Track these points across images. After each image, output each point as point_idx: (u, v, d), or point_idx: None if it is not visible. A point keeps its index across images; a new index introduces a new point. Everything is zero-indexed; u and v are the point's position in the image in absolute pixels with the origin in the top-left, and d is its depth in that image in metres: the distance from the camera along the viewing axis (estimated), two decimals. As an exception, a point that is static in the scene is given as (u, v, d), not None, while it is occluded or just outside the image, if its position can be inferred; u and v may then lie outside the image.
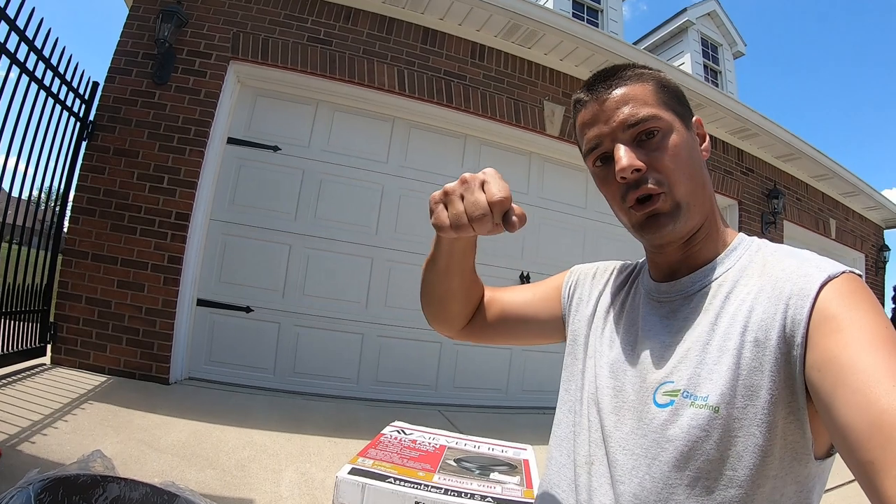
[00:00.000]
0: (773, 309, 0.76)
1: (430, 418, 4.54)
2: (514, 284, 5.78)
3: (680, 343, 0.87)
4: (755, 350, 0.76)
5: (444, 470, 1.59)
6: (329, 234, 5.13)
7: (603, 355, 1.01)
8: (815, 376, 0.68)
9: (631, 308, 1.04)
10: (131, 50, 4.53)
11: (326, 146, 5.24)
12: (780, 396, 0.73)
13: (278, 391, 4.67)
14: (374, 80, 5.15)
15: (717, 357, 0.80)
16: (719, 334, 0.82)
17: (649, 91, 0.91)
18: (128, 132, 4.41)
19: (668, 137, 0.89)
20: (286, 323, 4.95)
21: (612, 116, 0.90)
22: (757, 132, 7.42)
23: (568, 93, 6.13)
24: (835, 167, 8.77)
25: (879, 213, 10.91)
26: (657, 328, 0.94)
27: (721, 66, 10.82)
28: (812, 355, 0.70)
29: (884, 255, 11.19)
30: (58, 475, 0.96)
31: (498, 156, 5.99)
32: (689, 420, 0.78)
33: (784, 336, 0.74)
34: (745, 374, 0.76)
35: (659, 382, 0.86)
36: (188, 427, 3.30)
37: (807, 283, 0.75)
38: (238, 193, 4.92)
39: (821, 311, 0.71)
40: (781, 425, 0.73)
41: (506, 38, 5.71)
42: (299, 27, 4.98)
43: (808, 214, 9.07)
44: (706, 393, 0.78)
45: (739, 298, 0.83)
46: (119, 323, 4.22)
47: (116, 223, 4.29)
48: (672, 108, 0.93)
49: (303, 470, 2.97)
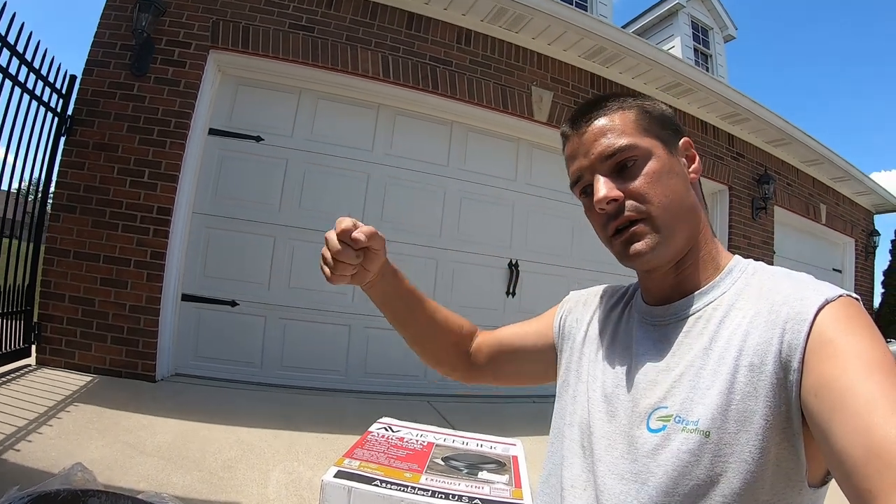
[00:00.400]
0: (770, 333, 0.76)
1: (420, 410, 4.57)
2: (503, 272, 5.81)
3: (674, 368, 0.87)
4: (750, 375, 0.76)
5: (432, 470, 1.58)
6: (314, 224, 5.09)
7: (596, 380, 1.00)
8: (812, 401, 0.68)
9: (625, 332, 1.04)
10: (109, 41, 4.47)
11: (310, 135, 5.21)
12: (774, 422, 0.73)
13: (266, 385, 4.67)
14: (357, 67, 5.12)
15: (710, 382, 0.79)
16: (713, 359, 0.81)
17: (629, 120, 0.92)
18: (107, 126, 4.36)
19: (646, 164, 0.90)
20: (272, 316, 4.94)
21: (591, 149, 0.92)
22: (747, 117, 7.44)
23: (557, 78, 6.13)
24: (825, 152, 8.83)
25: (870, 199, 11.04)
26: (651, 352, 0.93)
27: (712, 50, 10.83)
28: (809, 380, 0.69)
29: (874, 240, 11.34)
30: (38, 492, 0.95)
31: (485, 142, 5.99)
32: (679, 445, 0.78)
33: (780, 361, 0.73)
34: (738, 399, 0.75)
35: (653, 407, 0.86)
36: (175, 427, 3.29)
37: (803, 306, 0.75)
38: (221, 185, 4.89)
39: (818, 336, 0.71)
40: (775, 451, 0.73)
41: (492, 22, 5.68)
42: (280, 13, 4.93)
43: (799, 199, 9.13)
44: (697, 417, 0.78)
45: (735, 323, 0.83)
46: (103, 321, 4.20)
47: (98, 219, 4.26)
48: (654, 133, 0.93)
49: (290, 469, 2.97)
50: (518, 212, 6.09)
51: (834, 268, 10.74)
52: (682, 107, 7.07)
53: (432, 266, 5.60)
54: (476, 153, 5.92)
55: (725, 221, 7.72)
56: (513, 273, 5.96)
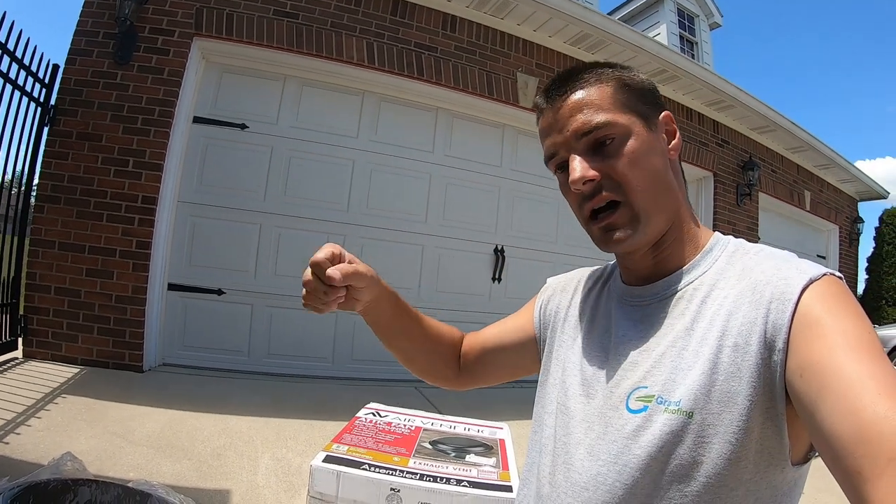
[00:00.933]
0: (754, 314, 0.76)
1: (407, 395, 4.62)
2: (489, 258, 5.87)
3: (654, 348, 0.86)
4: (734, 355, 0.76)
5: (420, 453, 1.63)
6: (299, 212, 5.15)
7: (574, 364, 1.00)
8: (798, 381, 0.68)
9: (604, 314, 1.03)
10: (91, 30, 4.45)
11: (295, 122, 5.24)
12: (758, 402, 0.73)
13: (254, 374, 4.72)
14: (342, 54, 5.14)
15: (692, 362, 0.79)
16: (695, 339, 0.81)
17: (607, 94, 0.89)
18: (90, 115, 4.36)
19: (625, 143, 0.87)
20: (259, 304, 4.98)
21: (566, 125, 0.89)
22: (732, 104, 7.53)
23: (542, 64, 6.18)
24: (810, 139, 8.96)
25: (854, 186, 11.23)
26: (631, 333, 0.93)
27: (697, 38, 10.92)
28: (794, 360, 0.69)
29: (857, 227, 11.59)
30: (28, 482, 0.98)
31: (470, 129, 6.04)
32: (662, 426, 0.77)
33: (765, 341, 0.73)
34: (721, 380, 0.75)
35: (632, 388, 0.85)
36: (163, 416, 3.32)
37: (787, 286, 0.75)
38: (206, 174, 4.91)
39: (803, 316, 0.71)
40: (758, 431, 0.73)
41: (478, 8, 5.70)
42: (264, 0, 4.92)
43: (783, 186, 9.27)
44: (679, 398, 0.77)
45: (717, 302, 0.83)
46: (90, 312, 4.21)
47: (82, 210, 4.26)
48: (633, 108, 0.90)
49: (279, 456, 3.02)
50: (503, 198, 6.15)
51: (818, 254, 10.92)
52: (668, 93, 7.13)
53: (418, 252, 5.66)
54: (461, 139, 5.98)
55: (710, 208, 7.83)
56: (498, 259, 6.03)
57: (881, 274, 12.08)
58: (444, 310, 5.69)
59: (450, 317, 5.61)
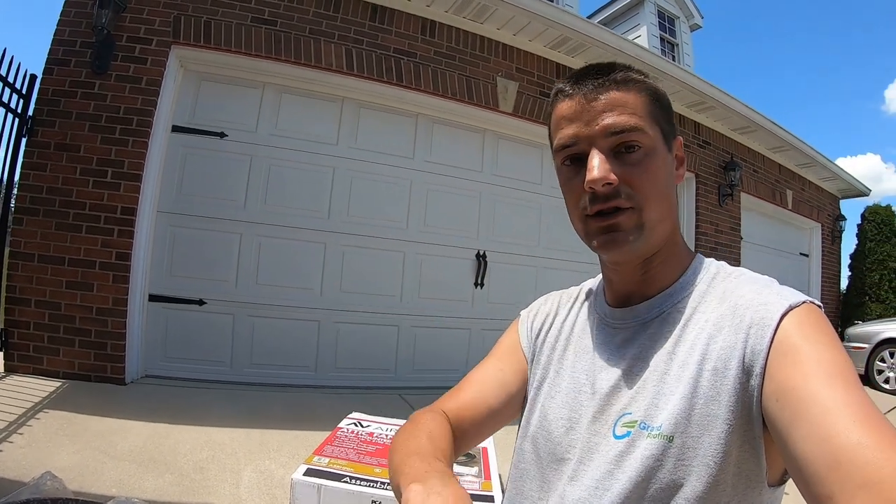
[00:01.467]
0: (734, 338, 0.77)
1: (391, 403, 4.67)
2: (471, 263, 5.93)
3: (638, 373, 0.87)
4: (713, 379, 0.77)
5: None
6: (280, 220, 5.18)
7: (556, 387, 1.00)
8: (773, 406, 0.69)
9: (584, 337, 1.03)
10: (69, 39, 4.46)
11: (274, 130, 5.26)
12: (736, 425, 0.74)
13: (236, 384, 4.75)
14: (321, 61, 5.18)
15: (673, 387, 0.80)
16: (677, 363, 0.82)
17: (641, 102, 0.88)
18: (68, 126, 4.36)
19: (650, 156, 0.87)
20: (240, 314, 5.00)
21: (596, 119, 0.86)
22: (713, 105, 7.65)
23: (522, 68, 6.25)
24: (791, 139, 9.12)
25: (835, 184, 11.43)
26: (614, 357, 0.93)
27: (678, 39, 11.09)
28: (770, 385, 0.71)
29: (840, 225, 11.79)
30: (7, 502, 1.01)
31: (450, 134, 6.10)
32: (643, 451, 0.79)
33: (743, 365, 0.75)
34: (701, 404, 0.77)
35: (619, 414, 0.86)
36: (145, 430, 3.33)
37: (767, 312, 0.76)
38: (185, 183, 4.92)
39: (781, 342, 0.72)
40: (736, 454, 0.75)
41: (457, 13, 5.77)
42: (242, 7, 4.95)
43: (765, 186, 9.44)
44: (660, 423, 0.79)
45: (698, 326, 0.84)
46: (70, 325, 4.22)
47: (61, 221, 4.26)
48: (659, 124, 0.90)
49: (262, 468, 3.03)
50: (485, 203, 6.21)
51: (801, 252, 11.10)
52: (648, 95, 7.16)
53: (399, 259, 5.70)
54: (442, 145, 6.03)
55: (692, 209, 7.95)
56: (481, 264, 6.08)
57: (864, 270, 12.23)
58: (427, 316, 5.77)
59: (433, 323, 5.73)
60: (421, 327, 5.73)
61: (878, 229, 12.29)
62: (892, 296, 11.77)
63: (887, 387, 7.94)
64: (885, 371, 8.08)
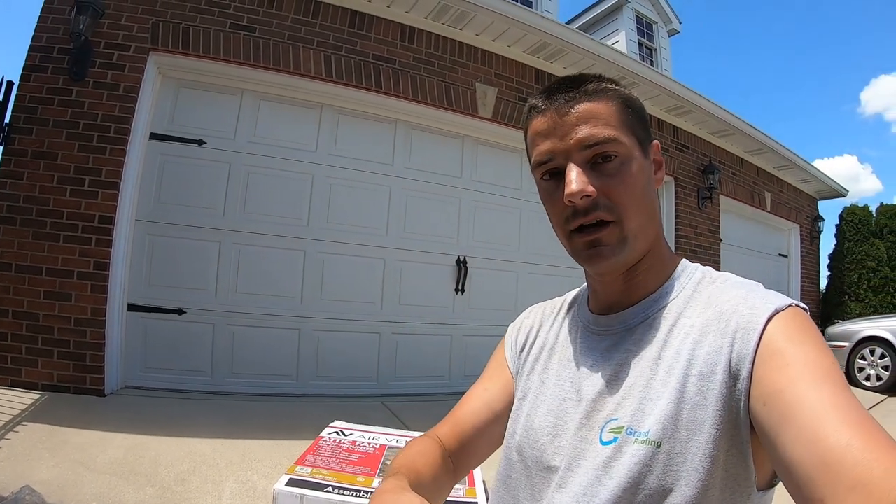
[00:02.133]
0: (720, 343, 0.78)
1: (373, 411, 4.71)
2: (451, 270, 6.02)
3: (624, 378, 0.88)
4: (700, 384, 0.78)
5: (385, 472, 1.70)
6: (259, 228, 5.21)
7: (541, 395, 1.01)
8: (761, 410, 0.70)
9: (569, 345, 1.04)
10: (46, 45, 4.45)
11: (253, 137, 5.29)
12: (723, 430, 0.75)
13: (217, 394, 4.76)
14: (300, 67, 5.23)
15: (660, 392, 0.81)
16: (663, 368, 0.83)
17: (613, 111, 0.90)
18: (45, 133, 4.35)
19: (626, 165, 0.89)
20: (220, 323, 5.02)
21: (570, 133, 0.88)
22: (691, 109, 7.83)
23: (501, 74, 6.35)
24: (768, 141, 9.33)
25: (813, 185, 11.70)
26: (599, 363, 0.94)
27: (656, 44, 11.31)
28: (757, 389, 0.71)
29: (818, 226, 12.08)
30: None
31: (430, 140, 6.17)
32: (631, 456, 0.79)
33: (730, 370, 0.76)
34: (688, 409, 0.78)
35: (605, 420, 0.87)
36: (126, 441, 3.31)
37: (753, 316, 0.77)
38: (163, 191, 4.93)
39: (767, 346, 0.73)
40: (724, 458, 0.76)
41: (436, 19, 5.85)
42: (221, 13, 4.99)
43: (744, 188, 9.64)
44: (647, 428, 0.80)
45: (684, 331, 0.85)
46: (49, 336, 4.20)
47: (39, 231, 4.26)
48: (634, 131, 0.92)
49: (244, 479, 3.03)
50: (464, 208, 6.29)
51: (780, 253, 11.32)
52: (627, 100, 7.29)
53: (380, 266, 5.75)
54: (421, 151, 6.10)
55: (672, 212, 8.12)
56: (461, 270, 6.15)
57: (843, 270, 12.46)
58: (408, 323, 5.83)
59: (414, 329, 5.78)
60: (402, 334, 5.79)
61: (857, 229, 12.54)
62: (871, 295, 12.01)
63: (868, 384, 8.14)
64: (865, 368, 8.29)
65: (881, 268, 12.12)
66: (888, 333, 8.23)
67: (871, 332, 8.46)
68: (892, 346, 8.07)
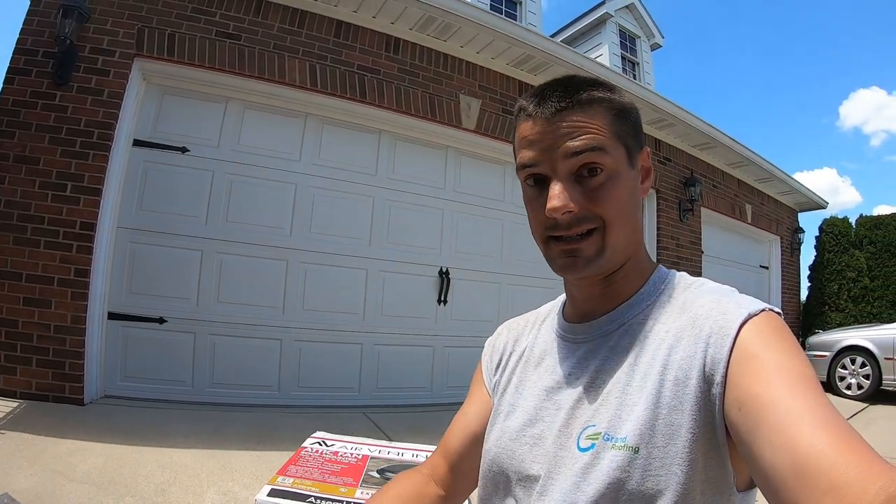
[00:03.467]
0: (694, 348, 0.79)
1: (355, 422, 4.74)
2: (434, 280, 6.10)
3: (600, 385, 0.88)
4: (675, 389, 0.78)
5: (367, 483, 1.62)
6: (242, 237, 5.23)
7: (518, 405, 1.01)
8: (735, 415, 0.70)
9: (544, 355, 1.05)
10: (31, 48, 4.45)
11: (237, 145, 5.32)
12: (700, 434, 0.75)
13: (198, 404, 4.75)
14: (285, 76, 5.28)
15: (636, 398, 0.81)
16: (639, 374, 0.83)
17: (604, 122, 0.88)
18: (28, 137, 4.34)
19: (612, 179, 0.88)
20: (201, 332, 5.02)
21: (558, 142, 0.87)
22: (673, 122, 7.98)
23: (485, 86, 6.44)
24: (749, 155, 9.53)
25: (793, 198, 11.92)
26: (576, 371, 0.94)
27: (639, 58, 11.49)
28: (732, 393, 0.71)
29: (798, 237, 12.36)
30: None
31: (413, 151, 6.24)
32: (609, 462, 0.79)
33: (704, 375, 0.76)
34: (664, 413, 0.77)
35: (582, 427, 0.86)
36: (105, 451, 3.31)
37: (726, 321, 0.77)
38: (146, 198, 4.94)
39: (741, 350, 0.73)
40: (702, 462, 0.75)
41: (421, 30, 5.93)
42: (207, 21, 5.03)
43: (725, 200, 9.82)
44: (625, 434, 0.79)
45: (659, 337, 0.85)
46: (28, 343, 4.17)
47: (19, 236, 4.24)
48: (625, 142, 0.91)
49: (225, 489, 3.03)
50: (447, 219, 6.35)
51: (761, 265, 11.54)
52: (610, 113, 7.40)
53: (362, 276, 5.79)
54: (404, 161, 6.16)
55: (654, 224, 8.27)
56: (444, 280, 6.21)
57: (823, 281, 12.67)
58: (390, 333, 5.87)
59: (396, 340, 5.83)
60: (384, 345, 5.83)
61: (836, 241, 12.78)
62: (851, 305, 12.21)
63: (849, 393, 8.38)
64: (846, 378, 8.53)
65: (861, 278, 12.36)
66: (868, 343, 8.43)
67: (851, 341, 8.67)
68: (873, 355, 8.28)
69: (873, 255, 12.60)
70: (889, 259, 12.39)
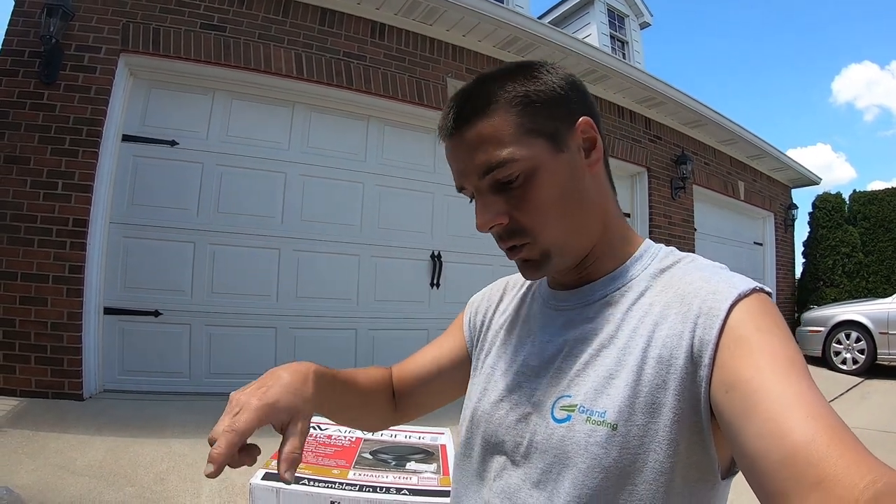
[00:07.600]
0: (681, 327, 0.77)
1: (350, 407, 4.79)
2: (426, 264, 6.21)
3: (578, 355, 0.86)
4: (658, 367, 0.76)
5: (360, 464, 1.69)
6: (233, 227, 5.30)
7: (499, 372, 1.00)
8: (723, 398, 0.68)
9: (527, 319, 1.04)
10: (17, 49, 4.48)
11: (225, 136, 5.38)
12: (683, 415, 0.74)
13: (195, 395, 4.83)
14: (271, 66, 5.33)
15: (614, 370, 0.80)
16: (618, 346, 0.82)
17: (510, 121, 0.83)
18: (17, 137, 4.38)
19: (532, 179, 0.84)
20: (196, 324, 5.10)
21: (466, 162, 0.87)
22: (663, 100, 8.05)
23: (472, 69, 6.48)
24: (740, 132, 9.59)
25: (786, 174, 12.00)
26: (555, 339, 0.93)
27: (628, 37, 11.51)
28: (719, 376, 0.70)
29: (792, 214, 12.44)
30: None
31: (402, 135, 6.32)
32: (587, 437, 0.78)
33: (691, 355, 0.74)
34: (646, 391, 0.76)
35: (556, 396, 0.85)
36: (104, 444, 3.40)
37: (716, 301, 0.75)
38: (137, 193, 4.99)
39: (731, 332, 0.72)
40: (685, 444, 0.74)
41: (406, 15, 5.99)
42: (191, 13, 5.06)
43: (717, 178, 9.91)
44: (603, 408, 0.78)
45: (643, 310, 0.83)
46: (25, 341, 4.24)
47: (13, 236, 4.29)
48: (540, 131, 0.85)
49: (222, 476, 2.90)
50: (438, 203, 6.44)
51: (755, 241, 11.63)
52: (599, 92, 7.56)
53: (354, 262, 5.88)
54: (393, 146, 6.24)
55: (646, 203, 8.34)
56: (436, 264, 6.31)
57: (817, 257, 12.72)
58: (384, 318, 5.97)
59: (390, 325, 5.91)
60: (378, 330, 5.92)
61: (830, 216, 12.84)
62: (845, 280, 12.29)
63: (844, 367, 8.50)
64: (841, 352, 8.66)
65: (855, 253, 12.44)
66: (863, 317, 8.54)
67: (846, 316, 8.79)
68: (868, 330, 8.40)
69: (867, 230, 12.70)
70: (883, 234, 12.49)
